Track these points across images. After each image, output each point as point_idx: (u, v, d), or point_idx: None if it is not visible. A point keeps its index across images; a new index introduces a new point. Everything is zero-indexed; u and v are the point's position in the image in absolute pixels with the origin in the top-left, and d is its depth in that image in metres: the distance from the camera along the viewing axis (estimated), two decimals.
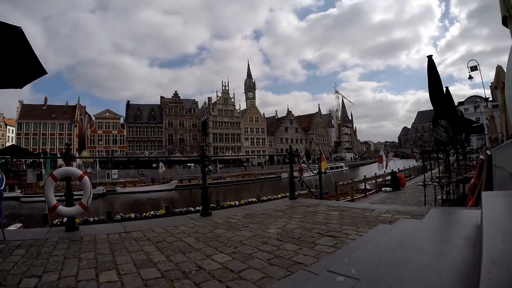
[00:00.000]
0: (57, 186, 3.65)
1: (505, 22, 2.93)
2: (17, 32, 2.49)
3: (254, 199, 10.58)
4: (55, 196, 3.50)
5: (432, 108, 6.50)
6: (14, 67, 2.96)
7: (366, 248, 1.83)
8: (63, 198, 3.56)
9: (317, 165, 10.29)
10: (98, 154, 53.45)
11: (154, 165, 47.45)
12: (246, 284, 1.98)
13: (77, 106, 57.67)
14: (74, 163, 3.94)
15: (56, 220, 7.64)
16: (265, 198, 10.50)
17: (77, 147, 52.54)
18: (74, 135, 54.04)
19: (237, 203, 9.83)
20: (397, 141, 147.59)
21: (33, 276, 2.24)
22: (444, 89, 6.60)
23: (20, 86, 3.29)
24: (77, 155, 41.98)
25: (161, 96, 67.41)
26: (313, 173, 9.01)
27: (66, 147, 3.81)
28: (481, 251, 0.90)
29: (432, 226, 1.74)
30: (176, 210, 9.46)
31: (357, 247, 2.08)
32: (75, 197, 3.68)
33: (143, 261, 2.53)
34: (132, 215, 8.28)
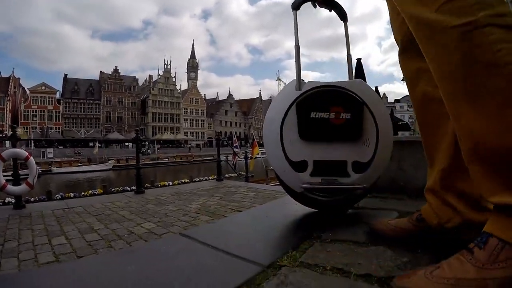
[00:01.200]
0: None
1: None
2: None
3: (187, 180, 11.31)
4: None
5: None
6: None
7: (249, 212, 2.69)
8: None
9: (246, 151, 11.28)
10: (33, 131, 48.77)
11: (91, 144, 45.17)
12: None
13: (11, 78, 51.33)
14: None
15: None
16: (197, 179, 11.29)
17: (10, 123, 47.47)
18: (7, 110, 48.56)
19: (170, 183, 10.48)
20: None
21: None
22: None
23: None
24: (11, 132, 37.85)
25: (101, 71, 63.72)
26: (239, 158, 9.94)
27: (12, 128, 4.19)
28: None
29: None
30: (113, 189, 9.88)
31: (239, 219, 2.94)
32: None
33: (86, 228, 3.19)
34: (72, 194, 8.55)
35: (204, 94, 79.85)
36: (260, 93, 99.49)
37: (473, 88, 0.67)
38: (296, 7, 1.44)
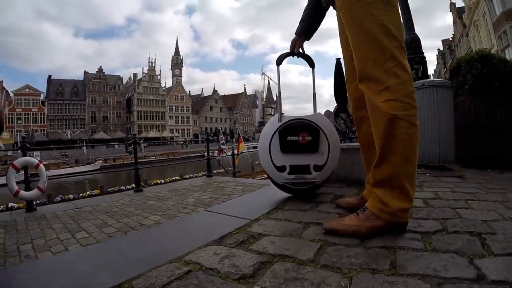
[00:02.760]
0: None
1: None
2: None
3: (177, 178, 11.84)
4: None
5: None
6: None
7: (243, 197, 3.33)
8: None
9: (233, 147, 11.82)
10: (18, 135, 47.46)
11: (77, 144, 44.90)
12: None
13: None
14: None
15: None
16: (187, 176, 11.83)
17: None
18: None
19: (162, 181, 10.98)
20: None
21: (26, 243, 3.02)
22: None
23: None
24: None
25: (85, 71, 63.27)
26: (226, 154, 10.45)
27: (22, 139, 4.66)
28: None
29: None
30: (110, 189, 10.33)
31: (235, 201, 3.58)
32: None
33: (101, 224, 3.64)
34: (71, 196, 8.90)
35: (189, 91, 79.78)
36: (245, 88, 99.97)
37: (387, 141, 1.34)
38: (279, 62, 2.13)
